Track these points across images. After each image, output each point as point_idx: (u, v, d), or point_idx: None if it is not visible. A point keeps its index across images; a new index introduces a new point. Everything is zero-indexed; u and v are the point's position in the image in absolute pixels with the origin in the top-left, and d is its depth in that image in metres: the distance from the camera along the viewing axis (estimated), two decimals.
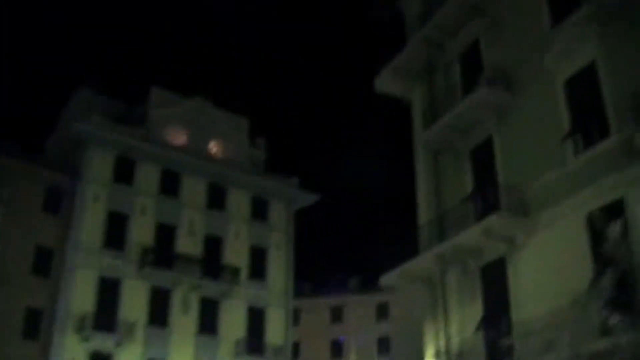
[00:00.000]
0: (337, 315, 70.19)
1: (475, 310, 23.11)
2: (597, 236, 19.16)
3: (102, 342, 43.17)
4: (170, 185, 48.87)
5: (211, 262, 48.48)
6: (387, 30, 29.96)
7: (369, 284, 64.82)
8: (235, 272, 48.80)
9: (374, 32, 30.16)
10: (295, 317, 56.58)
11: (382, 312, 69.18)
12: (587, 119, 20.64)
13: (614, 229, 16.72)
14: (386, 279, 25.94)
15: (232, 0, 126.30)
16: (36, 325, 43.29)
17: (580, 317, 18.41)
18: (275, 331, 49.99)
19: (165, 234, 47.56)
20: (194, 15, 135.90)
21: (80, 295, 43.51)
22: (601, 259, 18.50)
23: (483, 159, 24.25)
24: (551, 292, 20.07)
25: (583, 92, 21.02)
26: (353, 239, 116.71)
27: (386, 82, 29.12)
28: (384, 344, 67.01)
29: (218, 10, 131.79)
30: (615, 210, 18.75)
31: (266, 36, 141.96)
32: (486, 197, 23.11)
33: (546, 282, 20.56)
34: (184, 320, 46.56)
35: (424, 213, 26.37)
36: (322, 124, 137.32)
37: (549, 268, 20.60)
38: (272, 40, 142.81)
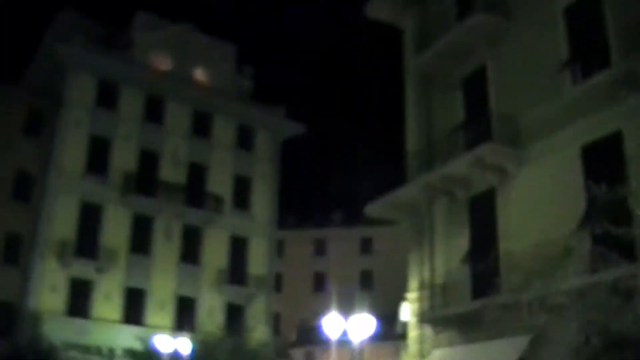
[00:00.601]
0: (320, 248, 70.10)
1: (462, 242, 22.63)
2: (592, 169, 18.61)
3: (83, 268, 42.69)
4: (154, 111, 47.83)
5: (195, 190, 47.81)
6: None
7: (354, 218, 64.54)
8: (219, 201, 48.22)
9: None
10: (279, 248, 56.23)
11: (366, 246, 69.13)
12: (587, 48, 19.90)
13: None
14: (372, 209, 25.39)
15: None
16: (16, 250, 42.77)
17: (571, 250, 17.93)
18: (258, 261, 49.63)
19: (149, 160, 46.72)
20: None
21: (61, 221, 42.88)
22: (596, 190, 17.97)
23: (476, 87, 23.48)
24: (541, 225, 19.59)
25: (584, 19, 20.19)
26: (339, 172, 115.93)
27: (378, 8, 28.10)
28: (366, 278, 67.04)
29: None
30: (612, 143, 18.17)
31: None
32: (478, 126, 22.46)
33: (537, 214, 20.05)
34: (166, 249, 46.10)
35: (413, 143, 25.65)
36: (311, 53, 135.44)
37: (540, 200, 20.08)
38: None
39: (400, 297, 37.33)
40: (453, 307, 21.89)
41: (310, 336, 59.12)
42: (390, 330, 48.41)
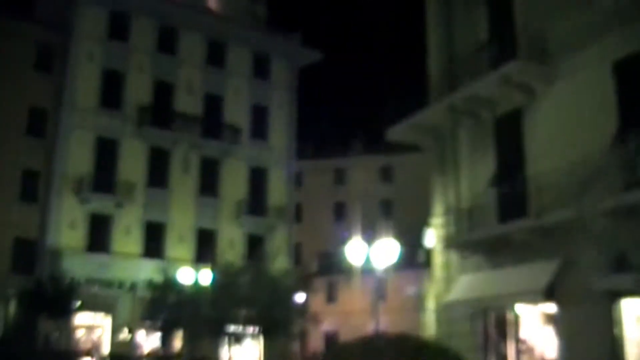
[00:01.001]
0: (340, 177, 69.43)
1: (488, 165, 21.87)
2: (625, 85, 17.68)
3: (101, 203, 42.49)
4: (167, 41, 46.85)
5: (211, 121, 47.14)
6: None
7: (374, 145, 63.70)
8: (236, 131, 47.58)
9: None
10: (298, 179, 55.76)
11: (386, 174, 68.41)
12: None
13: None
14: (394, 133, 24.61)
15: None
16: (34, 187, 42.64)
17: (603, 170, 17.13)
18: (277, 192, 49.21)
19: (163, 92, 45.93)
20: None
21: (77, 157, 42.52)
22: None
23: (500, 2, 22.38)
24: (572, 145, 18.78)
25: None
26: (358, 99, 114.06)
27: None
28: (387, 207, 66.54)
29: None
30: None
31: None
32: (503, 43, 21.41)
33: (566, 134, 19.20)
34: (184, 181, 45.72)
35: (435, 63, 24.67)
36: None
37: (570, 120, 19.19)
38: None
39: (420, 226, 36.74)
40: (480, 231, 21.24)
41: (331, 266, 58.95)
42: (411, 259, 48.11)
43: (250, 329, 28.14)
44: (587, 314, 17.86)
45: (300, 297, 36.62)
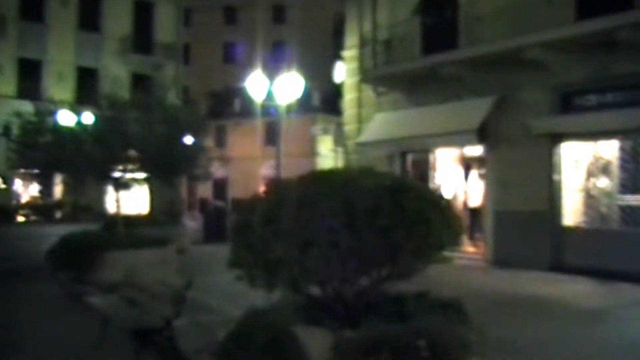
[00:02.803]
0: (230, 16, 65.83)
1: None
2: None
3: None
4: None
5: None
6: None
7: None
8: None
9: None
10: (187, 18, 52.10)
11: (279, 14, 65.22)
12: None
13: None
14: None
15: None
16: None
17: None
18: (165, 29, 45.58)
19: None
20: None
21: None
22: None
23: None
24: None
25: None
26: None
27: None
28: (280, 49, 63.78)
29: None
30: None
31: None
32: None
33: None
34: (62, 15, 41.54)
35: None
36: None
37: None
38: None
39: (314, 70, 34.23)
40: (400, 64, 19.04)
41: (220, 109, 56.56)
42: (305, 103, 46.07)
43: (139, 175, 25.70)
44: (524, 157, 16.24)
45: (190, 140, 34.15)
